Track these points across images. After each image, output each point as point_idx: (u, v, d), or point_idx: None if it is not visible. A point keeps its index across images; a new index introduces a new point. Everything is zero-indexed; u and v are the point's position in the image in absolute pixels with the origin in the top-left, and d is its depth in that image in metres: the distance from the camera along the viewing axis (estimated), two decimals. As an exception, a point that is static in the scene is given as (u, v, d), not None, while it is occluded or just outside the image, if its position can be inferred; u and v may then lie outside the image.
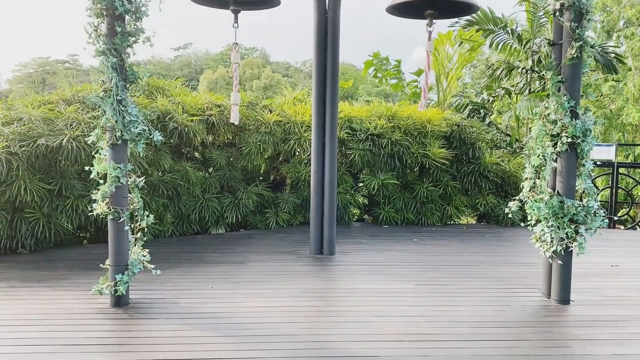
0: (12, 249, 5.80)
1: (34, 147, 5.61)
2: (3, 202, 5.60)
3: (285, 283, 4.83)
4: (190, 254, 5.90)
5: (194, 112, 6.92)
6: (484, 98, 9.78)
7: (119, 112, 3.96)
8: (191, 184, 6.81)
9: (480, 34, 9.03)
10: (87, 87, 6.71)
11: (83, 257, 5.72)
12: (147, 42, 4.18)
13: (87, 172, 6.05)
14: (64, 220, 5.92)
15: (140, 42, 4.14)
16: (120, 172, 4.02)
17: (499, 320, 3.97)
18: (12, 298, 4.29)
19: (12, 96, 51.40)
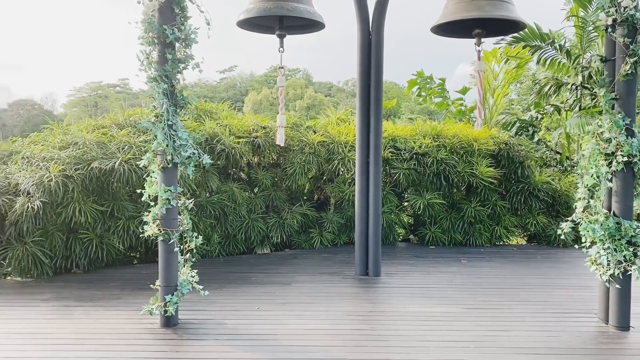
0: (67, 268, 6.01)
1: (88, 170, 5.83)
2: (59, 224, 5.83)
3: (331, 305, 4.79)
4: (237, 274, 5.96)
5: (241, 134, 7.05)
6: (532, 115, 9.55)
7: (169, 137, 4.08)
8: (237, 205, 6.91)
9: (526, 51, 8.86)
10: (138, 112, 6.95)
11: (133, 276, 5.86)
12: (196, 68, 4.32)
13: (137, 193, 6.26)
14: (115, 240, 6.11)
15: (190, 68, 4.28)
16: (171, 195, 4.12)
17: (554, 347, 3.82)
18: (67, 317, 4.43)
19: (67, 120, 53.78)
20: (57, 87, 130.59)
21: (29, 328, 4.14)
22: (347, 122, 7.91)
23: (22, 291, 5.28)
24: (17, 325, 4.20)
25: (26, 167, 5.91)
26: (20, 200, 5.58)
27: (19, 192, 5.73)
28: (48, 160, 5.81)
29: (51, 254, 5.85)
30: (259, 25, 5.51)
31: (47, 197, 5.57)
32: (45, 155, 5.91)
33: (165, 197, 4.11)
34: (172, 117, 4.10)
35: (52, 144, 6.20)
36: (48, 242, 5.83)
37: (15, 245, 5.71)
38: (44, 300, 4.92)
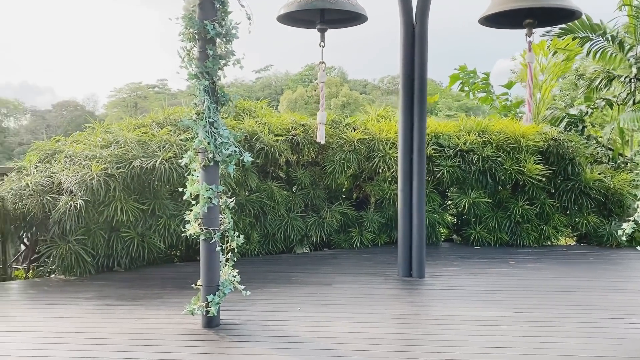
0: (109, 267, 6.04)
1: (129, 169, 5.83)
2: (101, 222, 5.85)
3: (375, 307, 4.64)
4: (277, 274, 5.87)
5: (279, 132, 6.96)
6: (582, 110, 9.14)
7: (211, 134, 4.00)
8: (276, 203, 6.82)
9: (575, 43, 8.47)
10: (178, 110, 6.94)
11: (174, 275, 5.84)
12: (237, 64, 4.23)
13: (178, 192, 6.25)
14: (156, 239, 6.10)
15: (231, 65, 4.19)
16: (212, 194, 4.04)
17: (615, 356, 3.56)
18: (108, 316, 4.41)
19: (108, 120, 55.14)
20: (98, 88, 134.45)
21: (72, 327, 4.13)
22: (387, 118, 7.72)
23: (65, 289, 5.31)
24: (59, 324, 4.20)
25: (69, 166, 5.96)
26: (63, 199, 5.63)
27: (62, 191, 5.78)
28: (90, 159, 5.85)
29: (93, 252, 5.89)
30: (299, 20, 5.40)
31: (89, 195, 5.60)
32: (87, 154, 5.94)
33: (207, 195, 4.03)
34: (213, 115, 4.02)
35: (94, 143, 6.25)
36: (90, 240, 5.87)
37: (59, 243, 5.77)
38: (87, 299, 4.93)
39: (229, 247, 4.26)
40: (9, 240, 6.50)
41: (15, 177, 6.16)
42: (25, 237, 6.51)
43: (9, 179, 6.20)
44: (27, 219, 5.85)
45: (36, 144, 6.60)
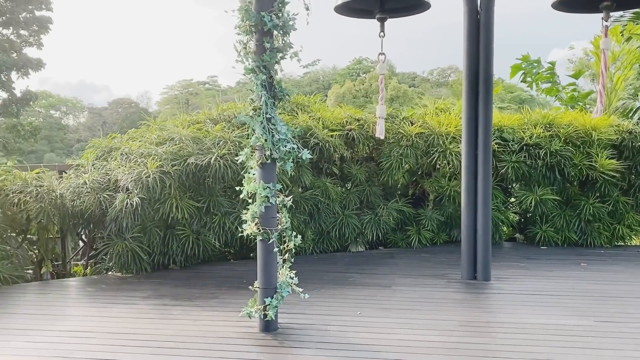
0: (165, 264, 6.01)
1: (184, 166, 5.77)
2: (157, 220, 5.82)
3: (439, 313, 4.37)
4: (333, 274, 5.68)
5: (334, 127, 6.76)
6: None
7: (268, 131, 3.83)
8: (331, 200, 6.63)
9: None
10: (232, 106, 6.84)
11: (230, 274, 5.75)
12: (294, 57, 4.04)
13: (232, 189, 6.15)
14: (211, 237, 6.03)
15: (288, 58, 4.01)
16: (270, 192, 3.88)
17: None
18: (165, 317, 4.33)
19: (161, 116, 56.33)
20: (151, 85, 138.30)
21: (129, 328, 4.07)
22: (447, 111, 7.38)
23: (122, 287, 5.30)
24: (116, 325, 4.15)
25: (125, 163, 5.95)
26: (119, 197, 5.62)
27: (119, 189, 5.78)
28: (146, 157, 5.82)
29: (149, 250, 5.87)
30: (357, 10, 5.16)
31: (145, 193, 5.57)
32: (142, 151, 5.92)
33: (264, 194, 3.87)
34: (270, 110, 3.85)
35: (149, 140, 6.22)
36: (146, 238, 5.85)
37: (116, 241, 5.77)
38: (143, 298, 4.89)
39: (286, 248, 4.09)
40: (68, 236, 6.60)
41: (73, 174, 6.22)
42: (83, 233, 6.58)
43: (67, 176, 6.27)
44: (85, 216, 5.89)
45: (93, 141, 6.66)
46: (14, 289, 5.27)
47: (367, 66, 64.17)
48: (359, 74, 62.89)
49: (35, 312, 4.52)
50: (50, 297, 5.06)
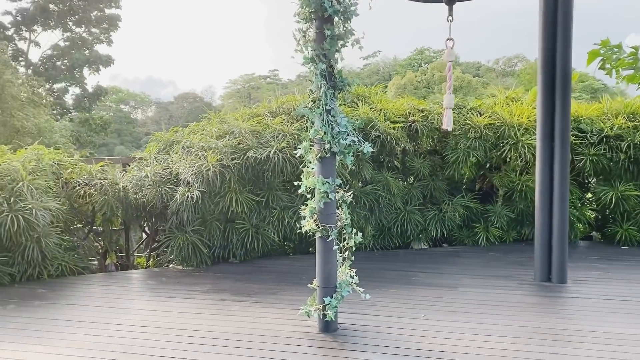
0: (225, 258, 5.98)
1: (243, 160, 5.70)
2: (217, 213, 5.79)
3: (511, 318, 4.06)
4: (395, 272, 5.45)
5: (396, 118, 6.49)
6: None
7: (327, 123, 3.65)
8: (392, 195, 6.37)
9: None
10: (291, 99, 6.71)
11: (288, 269, 5.64)
12: (356, 45, 3.83)
13: (291, 183, 6.03)
14: (270, 231, 5.94)
15: (349, 45, 3.81)
16: (329, 187, 3.70)
17: None
18: (223, 313, 4.27)
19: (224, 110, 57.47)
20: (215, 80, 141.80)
21: (188, 323, 4.02)
22: (518, 101, 6.92)
23: (183, 281, 5.30)
24: (176, 320, 4.11)
25: (186, 156, 5.96)
26: (180, 190, 5.63)
27: (180, 182, 5.79)
28: (206, 150, 5.79)
29: (209, 243, 5.86)
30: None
31: (205, 186, 5.55)
32: (203, 144, 5.90)
33: (324, 190, 3.70)
34: (330, 102, 3.66)
35: (209, 133, 6.20)
36: (207, 231, 5.84)
37: (177, 234, 5.79)
38: (203, 292, 4.86)
39: (346, 246, 3.91)
40: (131, 228, 6.72)
41: (136, 167, 6.30)
42: (146, 225, 6.67)
43: (130, 169, 6.35)
44: (147, 209, 5.95)
45: (155, 134, 6.72)
46: (79, 280, 5.39)
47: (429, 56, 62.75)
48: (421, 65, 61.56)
49: (98, 305, 4.58)
50: (114, 289, 5.12)
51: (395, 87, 53.41)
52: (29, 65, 30.59)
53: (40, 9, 29.72)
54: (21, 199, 5.23)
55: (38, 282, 5.27)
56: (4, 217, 5.03)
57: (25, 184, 5.35)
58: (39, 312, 4.35)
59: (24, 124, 20.08)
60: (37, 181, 5.50)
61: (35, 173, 5.67)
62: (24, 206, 5.17)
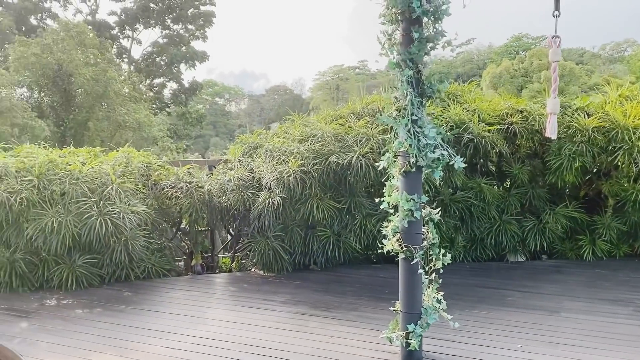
0: (305, 265, 5.82)
1: (325, 165, 5.49)
2: (298, 219, 5.64)
3: (625, 354, 3.53)
4: (488, 290, 5.01)
5: (492, 120, 5.98)
6: None
7: (413, 135, 3.32)
8: (486, 203, 5.89)
9: None
10: (377, 99, 6.39)
11: (371, 280, 5.37)
12: (447, 47, 3.47)
13: (375, 189, 5.74)
14: (352, 239, 5.70)
15: (440, 47, 3.45)
16: (414, 205, 3.38)
17: None
18: (301, 329, 4.09)
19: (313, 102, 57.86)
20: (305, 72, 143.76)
21: (264, 340, 3.88)
22: (634, 99, 6.12)
23: (263, 288, 5.20)
24: (252, 334, 4.00)
25: (269, 160, 5.85)
26: (262, 195, 5.53)
27: (262, 187, 5.70)
28: (288, 155, 5.64)
29: (290, 249, 5.72)
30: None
31: (286, 192, 5.41)
32: (285, 149, 5.75)
33: (408, 207, 3.38)
34: (417, 111, 3.33)
35: (292, 137, 6.05)
36: (288, 237, 5.71)
37: (259, 239, 5.71)
38: (281, 303, 4.72)
39: (432, 267, 3.57)
40: (215, 230, 6.76)
41: (221, 170, 6.30)
42: (230, 227, 6.67)
43: (216, 171, 6.37)
44: (230, 212, 5.92)
45: (240, 137, 6.68)
46: (163, 283, 5.45)
47: (526, 43, 59.33)
48: (518, 52, 58.37)
49: (178, 312, 4.58)
50: (195, 295, 5.12)
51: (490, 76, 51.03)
52: (131, 62, 32.47)
53: (141, 8, 31.37)
54: (110, 202, 5.37)
55: (125, 283, 5.40)
56: (93, 220, 5.18)
57: (114, 187, 5.49)
58: (121, 317, 4.42)
59: (125, 119, 21.23)
60: (125, 184, 5.63)
61: (125, 176, 5.82)
62: (112, 210, 5.30)
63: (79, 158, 5.93)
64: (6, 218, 5.11)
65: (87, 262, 5.32)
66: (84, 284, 5.24)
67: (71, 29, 21.44)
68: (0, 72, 17.89)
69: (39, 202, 5.25)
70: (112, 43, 29.23)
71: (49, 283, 5.23)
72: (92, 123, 21.55)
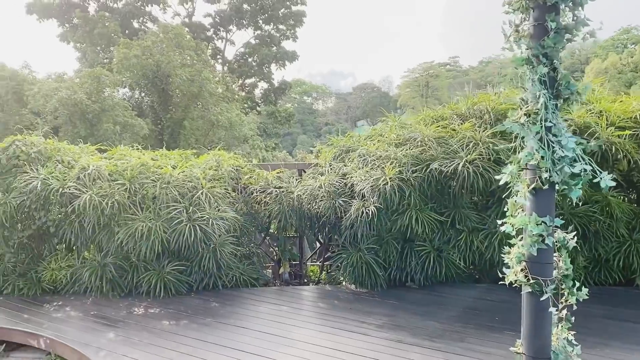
0: (402, 281, 5.33)
1: (426, 172, 4.97)
2: (394, 232, 5.16)
3: None
4: (618, 325, 4.27)
5: (623, 123, 5.16)
6: None
7: (547, 145, 2.74)
8: (614, 219, 5.09)
9: None
10: (484, 99, 5.74)
11: (478, 304, 4.79)
12: (589, 39, 2.85)
13: (483, 200, 5.14)
14: (455, 255, 5.14)
15: (579, 39, 2.84)
16: (546, 230, 2.79)
17: None
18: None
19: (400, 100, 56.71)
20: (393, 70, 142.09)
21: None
22: None
23: (355, 307, 4.78)
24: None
25: (362, 166, 5.43)
26: (355, 204, 5.12)
27: (355, 194, 5.28)
28: (384, 160, 5.18)
29: (385, 264, 5.26)
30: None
31: (382, 202, 4.95)
32: (381, 153, 5.30)
33: (537, 232, 2.80)
34: (552, 116, 2.74)
35: (387, 140, 5.58)
36: (382, 250, 5.25)
37: (350, 251, 5.31)
38: (377, 327, 4.27)
39: (564, 303, 2.97)
40: (304, 237, 6.44)
41: (311, 174, 5.97)
42: (320, 234, 6.33)
43: (306, 176, 6.05)
44: (320, 220, 5.56)
45: (331, 140, 6.31)
46: (251, 294, 5.19)
47: (636, 36, 54.56)
48: (626, 45, 53.78)
49: (264, 331, 4.26)
50: (283, 310, 4.79)
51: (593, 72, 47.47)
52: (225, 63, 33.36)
53: (235, 9, 32.11)
54: (199, 207, 5.18)
55: (212, 292, 5.20)
56: (182, 226, 5.02)
57: (204, 192, 5.31)
58: (207, 333, 4.18)
59: (218, 118, 21.72)
60: (215, 189, 5.43)
61: (215, 180, 5.63)
62: (201, 216, 5.11)
63: (170, 161, 5.83)
64: (98, 221, 5.08)
65: (176, 268, 5.18)
66: (172, 291, 5.09)
67: (169, 32, 22.24)
68: (105, 73, 18.82)
69: (130, 205, 5.17)
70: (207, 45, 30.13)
71: (137, 289, 5.14)
72: (188, 122, 22.27)
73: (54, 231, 5.28)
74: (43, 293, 5.21)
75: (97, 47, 28.39)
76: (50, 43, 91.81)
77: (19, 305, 4.92)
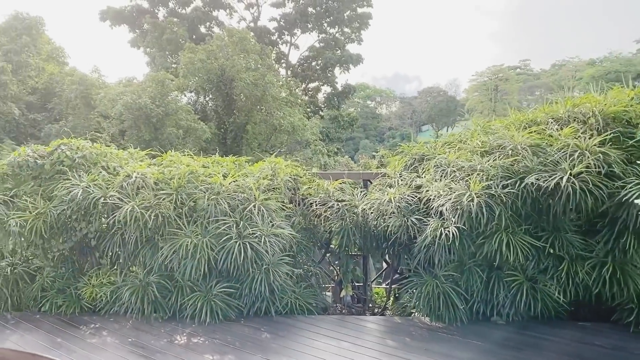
0: (486, 315, 4.48)
1: (519, 188, 4.11)
2: (479, 258, 4.33)
3: None
4: None
5: None
6: None
7: None
8: None
9: None
10: (589, 100, 4.77)
11: (581, 350, 3.89)
12: None
13: (590, 224, 4.22)
14: (554, 287, 4.23)
15: None
16: None
17: None
18: None
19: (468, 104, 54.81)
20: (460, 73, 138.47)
21: None
22: None
23: (431, 347, 3.99)
24: None
25: (439, 177, 4.63)
26: (432, 224, 4.32)
27: (431, 212, 4.49)
28: (467, 172, 4.36)
29: (466, 294, 4.44)
30: None
31: (465, 222, 4.13)
32: (463, 164, 4.48)
33: None
34: None
35: (470, 148, 4.75)
36: (463, 279, 4.43)
37: (425, 277, 4.52)
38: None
39: None
40: (369, 257, 5.70)
41: (378, 186, 5.23)
42: (387, 254, 5.57)
43: (372, 188, 5.32)
44: (389, 240, 4.80)
45: (403, 147, 5.54)
46: (307, 324, 4.51)
47: None
48: None
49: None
50: (343, 347, 4.07)
51: None
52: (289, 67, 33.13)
53: (300, 13, 31.82)
54: (251, 223, 4.56)
55: (264, 319, 4.57)
56: (232, 244, 4.41)
57: (256, 205, 4.69)
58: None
59: (281, 122, 21.36)
60: (269, 202, 4.80)
61: (269, 191, 5.01)
62: (252, 232, 4.49)
63: (222, 169, 5.26)
64: (141, 235, 4.57)
65: (224, 290, 4.58)
66: (219, 316, 4.50)
67: (234, 35, 22.11)
68: (169, 77, 18.87)
69: (176, 218, 4.63)
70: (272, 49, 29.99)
71: (182, 312, 4.59)
72: (250, 126, 22.05)
73: (95, 244, 4.82)
74: (82, 312, 4.76)
75: (166, 52, 28.90)
76: (122, 49, 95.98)
77: (54, 325, 4.48)
